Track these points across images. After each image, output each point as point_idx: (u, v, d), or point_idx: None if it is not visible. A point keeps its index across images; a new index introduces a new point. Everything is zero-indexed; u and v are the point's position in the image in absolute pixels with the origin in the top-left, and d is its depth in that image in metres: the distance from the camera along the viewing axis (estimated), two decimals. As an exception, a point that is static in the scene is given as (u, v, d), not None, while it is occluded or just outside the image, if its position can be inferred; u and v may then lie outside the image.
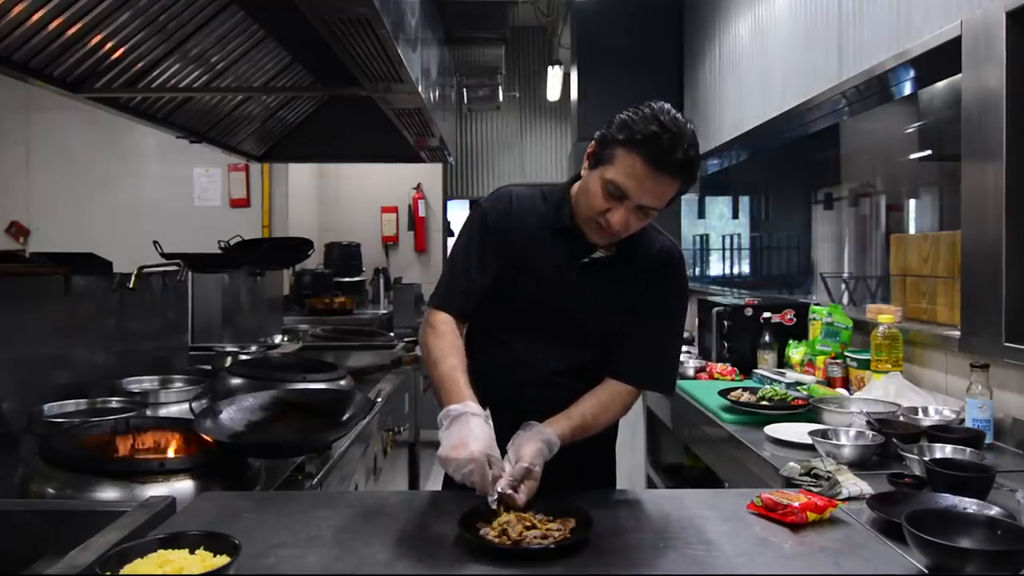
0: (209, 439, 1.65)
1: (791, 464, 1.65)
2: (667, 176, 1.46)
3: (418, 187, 6.41)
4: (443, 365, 1.52)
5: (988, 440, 1.90)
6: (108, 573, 1.01)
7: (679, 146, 1.43)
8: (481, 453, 1.29)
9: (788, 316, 3.12)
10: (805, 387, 2.54)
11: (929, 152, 3.11)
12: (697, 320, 3.67)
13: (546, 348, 1.65)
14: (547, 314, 1.64)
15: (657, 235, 1.70)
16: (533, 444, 1.39)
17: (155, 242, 3.17)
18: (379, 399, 2.60)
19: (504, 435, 1.39)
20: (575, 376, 1.64)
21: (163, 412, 2.28)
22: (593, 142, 1.57)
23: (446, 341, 1.57)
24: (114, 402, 2.23)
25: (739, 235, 5.28)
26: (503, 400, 1.52)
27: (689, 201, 5.48)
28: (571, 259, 1.62)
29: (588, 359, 1.65)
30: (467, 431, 1.32)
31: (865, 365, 2.53)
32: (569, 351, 1.65)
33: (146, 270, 2.71)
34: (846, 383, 2.62)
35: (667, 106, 1.48)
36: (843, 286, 3.71)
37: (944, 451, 1.69)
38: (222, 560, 1.07)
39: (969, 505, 1.32)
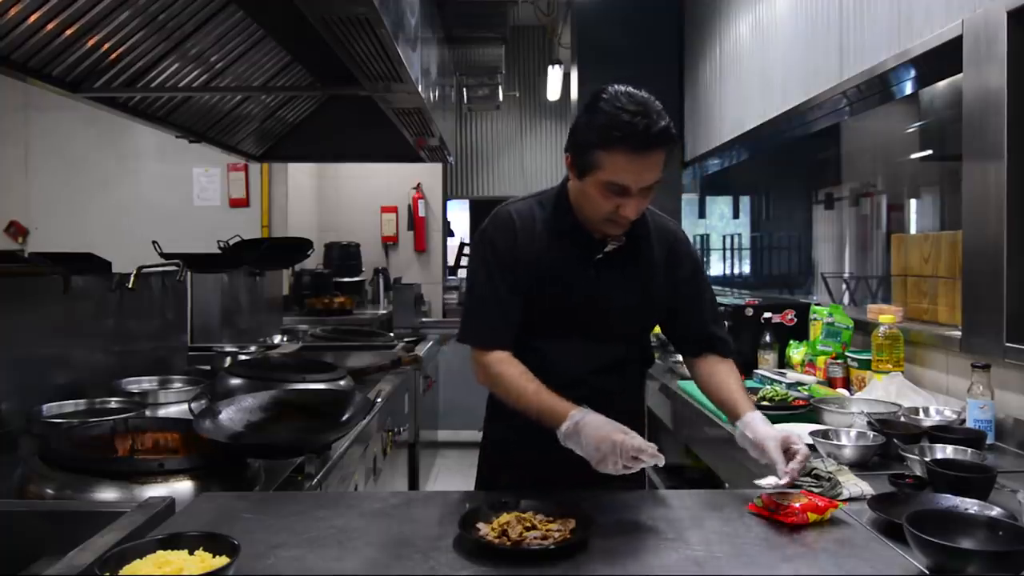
0: (208, 439, 1.65)
1: (792, 464, 1.65)
2: (654, 152, 1.49)
3: (418, 187, 6.40)
4: (528, 395, 1.54)
5: (989, 440, 1.90)
6: (107, 574, 1.01)
7: (653, 123, 1.46)
8: (621, 432, 1.37)
9: (789, 316, 3.11)
10: (806, 387, 2.54)
11: (930, 152, 3.09)
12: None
13: (576, 350, 1.66)
14: (574, 315, 1.65)
15: (653, 215, 1.73)
16: (775, 428, 1.52)
17: (154, 242, 3.17)
18: (379, 399, 2.60)
19: (548, 438, 1.43)
20: (608, 374, 1.66)
21: (162, 412, 2.28)
22: (567, 155, 1.58)
23: (511, 373, 1.59)
24: (113, 402, 2.23)
25: (740, 235, 5.27)
26: None
27: (689, 201, 5.48)
28: (585, 256, 1.64)
29: (619, 356, 1.69)
30: (594, 429, 1.40)
31: (866, 365, 2.53)
32: (600, 349, 1.67)
33: (145, 270, 2.70)
34: (847, 383, 2.61)
35: (619, 89, 1.51)
36: (844, 286, 3.69)
37: (945, 451, 1.69)
38: (221, 561, 1.07)
39: (970, 506, 1.31)
